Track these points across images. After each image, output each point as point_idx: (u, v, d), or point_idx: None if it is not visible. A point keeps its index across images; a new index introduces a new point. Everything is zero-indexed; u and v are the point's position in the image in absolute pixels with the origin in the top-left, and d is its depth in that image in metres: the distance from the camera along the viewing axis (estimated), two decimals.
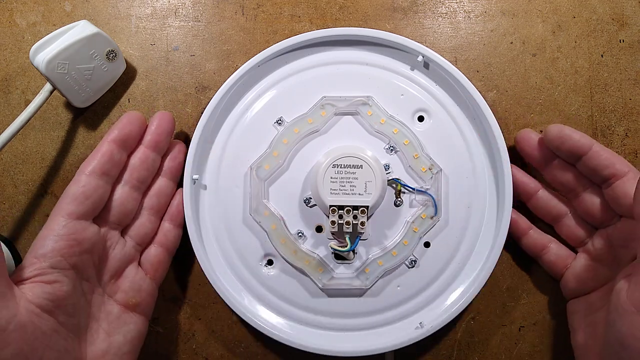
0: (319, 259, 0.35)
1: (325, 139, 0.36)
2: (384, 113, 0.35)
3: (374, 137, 0.36)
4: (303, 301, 0.36)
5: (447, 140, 0.36)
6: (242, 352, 0.37)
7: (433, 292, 0.36)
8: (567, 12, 0.38)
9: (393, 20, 0.38)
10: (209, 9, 0.38)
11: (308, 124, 0.35)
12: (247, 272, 0.36)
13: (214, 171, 0.36)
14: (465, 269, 0.36)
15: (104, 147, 0.32)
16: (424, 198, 0.35)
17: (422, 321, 0.35)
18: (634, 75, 0.38)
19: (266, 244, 0.35)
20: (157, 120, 0.34)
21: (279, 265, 0.36)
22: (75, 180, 0.31)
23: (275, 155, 0.35)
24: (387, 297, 0.36)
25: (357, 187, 0.33)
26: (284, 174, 0.36)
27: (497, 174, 0.36)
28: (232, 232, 0.36)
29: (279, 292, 0.36)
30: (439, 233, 0.36)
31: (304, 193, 0.36)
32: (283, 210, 0.36)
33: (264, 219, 0.35)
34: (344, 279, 0.35)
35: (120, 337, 0.31)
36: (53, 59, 0.32)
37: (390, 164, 0.36)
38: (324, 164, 0.33)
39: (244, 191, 0.36)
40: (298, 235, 0.36)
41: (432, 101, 0.36)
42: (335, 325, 0.36)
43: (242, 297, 0.35)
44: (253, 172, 0.35)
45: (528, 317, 0.38)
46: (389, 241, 0.36)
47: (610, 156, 0.32)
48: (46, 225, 0.30)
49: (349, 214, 0.33)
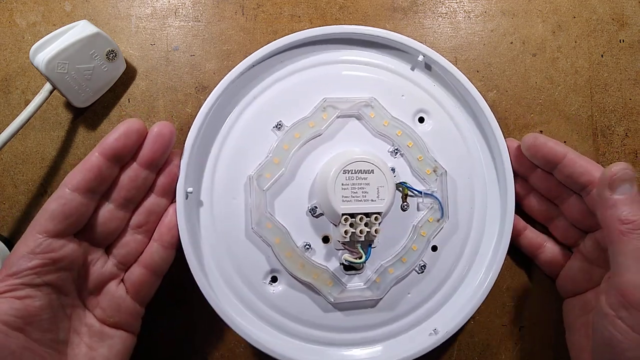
0: (329, 272, 0.33)
1: (329, 143, 0.34)
2: (386, 115, 0.34)
3: (378, 139, 0.35)
4: (313, 318, 0.33)
5: (448, 142, 0.36)
6: (242, 352, 0.37)
7: (442, 296, 0.35)
8: (567, 12, 0.38)
9: (393, 20, 0.38)
10: (209, 9, 0.38)
11: (309, 127, 0.33)
12: (250, 291, 0.33)
13: (209, 183, 0.33)
14: (472, 270, 0.36)
15: (92, 160, 0.29)
16: (430, 201, 0.35)
17: (436, 327, 0.34)
18: (634, 75, 0.38)
19: (270, 259, 0.33)
20: (155, 134, 0.30)
21: (284, 282, 0.33)
22: (58, 195, 0.28)
23: (276, 163, 0.33)
24: (400, 307, 0.34)
25: (370, 193, 0.32)
26: (287, 182, 0.33)
27: (498, 175, 0.36)
28: (232, 248, 0.33)
29: (286, 311, 0.33)
30: (446, 236, 0.35)
31: (308, 202, 0.34)
32: (287, 221, 0.33)
33: (267, 232, 0.32)
34: (355, 290, 0.33)
35: (105, 351, 0.30)
36: (53, 58, 0.32)
37: (395, 167, 0.35)
38: (333, 170, 0.31)
39: (245, 203, 0.33)
40: (305, 248, 0.33)
41: (432, 102, 0.36)
42: (348, 340, 0.34)
43: (246, 319, 0.33)
44: (253, 181, 0.32)
45: (528, 317, 0.38)
46: (398, 247, 0.34)
47: (585, 163, 0.32)
48: (23, 240, 0.28)
49: (361, 221, 0.32)
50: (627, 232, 0.27)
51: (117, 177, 0.31)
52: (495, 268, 0.35)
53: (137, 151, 0.31)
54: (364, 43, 0.36)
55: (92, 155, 0.29)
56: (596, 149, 0.38)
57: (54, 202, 0.28)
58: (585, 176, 0.32)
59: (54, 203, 0.28)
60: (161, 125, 0.31)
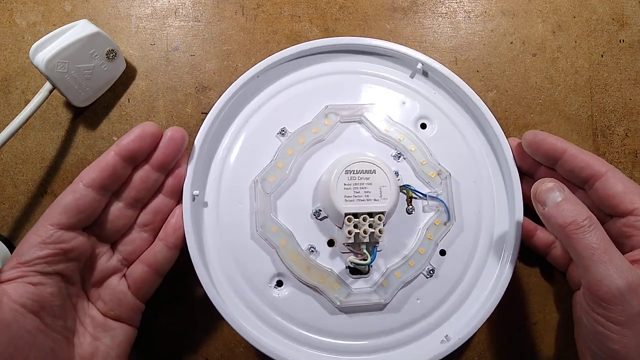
0: (335, 275, 0.33)
1: (331, 148, 0.35)
2: (388, 120, 0.35)
3: (381, 143, 0.35)
4: (319, 324, 0.33)
5: (452, 146, 0.36)
6: (242, 352, 0.37)
7: (454, 301, 0.34)
8: (567, 12, 0.38)
9: (393, 20, 0.38)
10: (209, 9, 0.38)
11: (312, 133, 0.34)
12: (255, 295, 0.33)
13: (215, 186, 0.34)
14: (483, 274, 0.35)
15: (109, 158, 0.30)
16: (435, 204, 0.35)
17: (448, 334, 0.33)
18: (634, 75, 0.38)
19: (275, 263, 0.33)
20: (168, 138, 0.32)
21: (290, 285, 0.33)
22: (72, 190, 0.30)
23: (281, 167, 0.33)
24: (408, 312, 0.34)
25: (372, 192, 0.32)
26: (291, 186, 0.34)
27: (504, 177, 0.36)
28: (237, 251, 0.33)
29: (291, 315, 0.33)
30: (454, 239, 0.35)
31: (312, 205, 0.34)
32: (292, 224, 0.33)
33: (272, 234, 0.33)
34: (362, 294, 0.33)
35: (108, 341, 0.31)
36: (53, 58, 0.32)
37: (398, 170, 0.35)
38: (336, 171, 0.32)
39: (250, 206, 0.34)
40: (310, 251, 0.33)
41: (434, 108, 0.36)
42: (356, 348, 0.34)
43: (251, 325, 0.33)
44: (258, 185, 0.33)
45: (528, 317, 0.38)
46: (404, 251, 0.34)
47: (586, 157, 0.32)
48: (34, 230, 0.29)
49: (365, 221, 0.32)
50: (572, 233, 0.28)
51: (130, 177, 0.32)
52: (508, 270, 0.34)
53: (150, 153, 0.32)
54: (363, 52, 0.37)
55: (108, 154, 0.31)
56: (596, 149, 0.38)
57: (68, 195, 0.30)
58: (587, 170, 0.32)
59: (68, 197, 0.29)
60: (174, 130, 0.32)
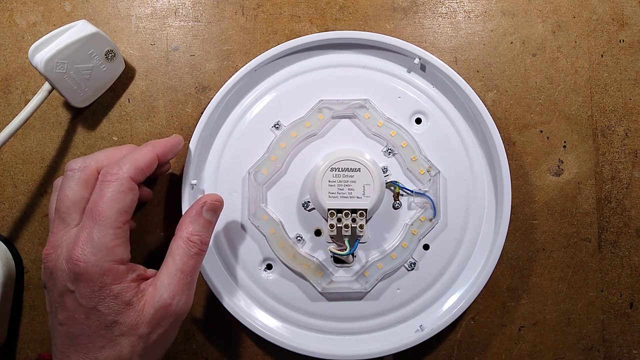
0: (318, 263, 0.35)
1: (323, 142, 0.36)
2: (381, 116, 0.36)
3: (372, 139, 0.36)
4: (302, 305, 0.36)
5: (445, 143, 0.36)
6: (242, 352, 0.37)
7: (433, 294, 0.36)
8: (567, 12, 0.38)
9: (393, 20, 0.38)
10: (209, 9, 0.38)
11: (305, 127, 0.35)
12: (246, 276, 0.36)
13: (212, 176, 0.36)
14: (465, 271, 0.36)
15: (175, 141, 0.33)
16: (423, 200, 0.35)
17: (422, 324, 0.35)
18: (634, 75, 0.38)
19: (265, 249, 0.36)
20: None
21: (278, 270, 0.36)
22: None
23: (273, 160, 0.35)
24: (387, 300, 0.36)
25: (355, 190, 0.33)
26: (282, 178, 0.36)
27: (495, 176, 0.36)
28: (231, 236, 0.36)
29: (278, 296, 0.36)
30: (438, 235, 0.36)
31: (302, 197, 0.36)
32: (281, 214, 0.36)
33: (262, 223, 0.35)
34: (344, 282, 0.35)
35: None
36: (52, 58, 0.32)
37: (388, 166, 0.36)
38: (321, 168, 0.33)
39: (242, 196, 0.36)
40: (297, 239, 0.36)
41: (430, 103, 0.36)
42: (335, 329, 0.36)
43: (239, 299, 0.36)
44: (251, 176, 0.35)
45: (528, 317, 0.38)
46: (388, 244, 0.36)
47: None
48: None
49: (347, 217, 0.33)
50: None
51: None
52: (488, 269, 0.35)
53: None
54: (360, 46, 0.37)
55: (174, 138, 0.33)
56: (596, 149, 0.38)
57: (148, 155, 0.31)
58: None
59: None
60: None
